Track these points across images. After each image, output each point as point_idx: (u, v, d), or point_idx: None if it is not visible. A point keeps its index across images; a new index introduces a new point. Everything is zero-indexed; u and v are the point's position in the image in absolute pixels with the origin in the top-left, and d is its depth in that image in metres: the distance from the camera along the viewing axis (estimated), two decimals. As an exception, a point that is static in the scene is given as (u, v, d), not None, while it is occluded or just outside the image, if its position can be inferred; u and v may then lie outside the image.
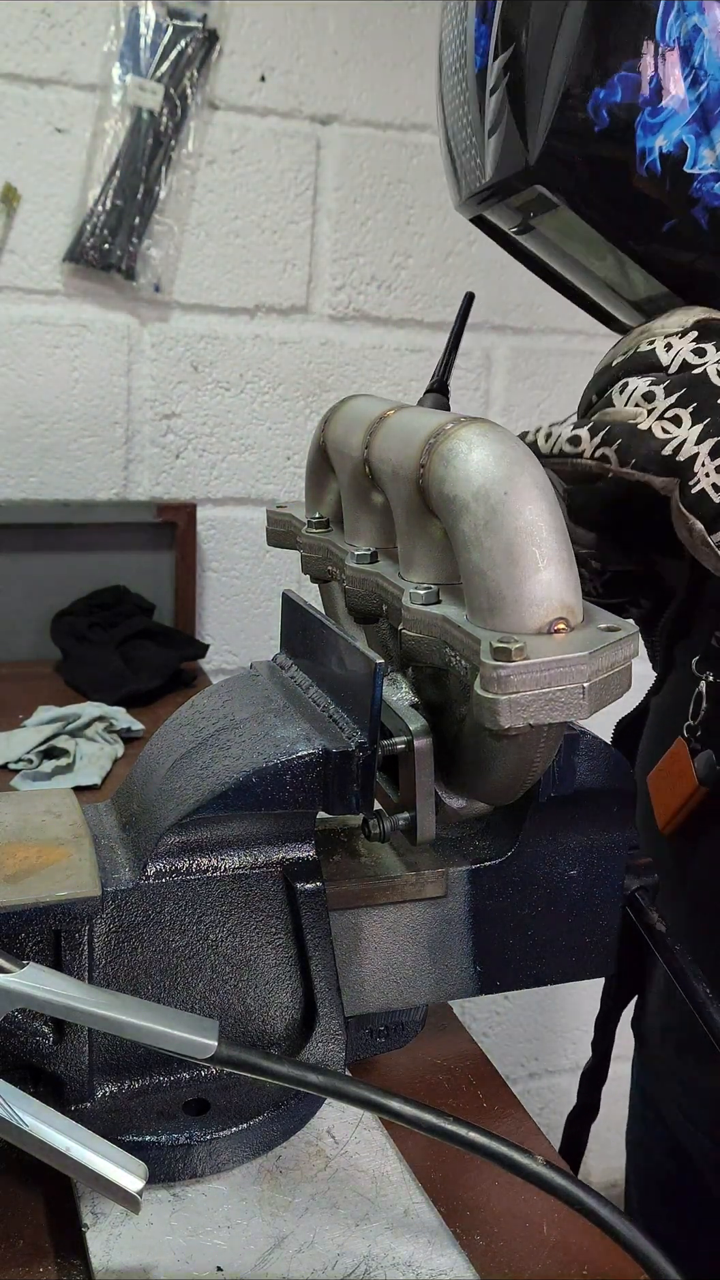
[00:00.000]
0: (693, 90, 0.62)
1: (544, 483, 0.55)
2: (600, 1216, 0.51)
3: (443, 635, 0.58)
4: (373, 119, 1.68)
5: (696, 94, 0.62)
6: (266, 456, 1.73)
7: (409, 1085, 0.69)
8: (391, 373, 1.77)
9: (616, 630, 0.54)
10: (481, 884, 0.67)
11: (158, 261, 1.60)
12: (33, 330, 1.57)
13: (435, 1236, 0.57)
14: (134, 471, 1.66)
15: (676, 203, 0.65)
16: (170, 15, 1.54)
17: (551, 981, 0.70)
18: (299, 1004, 0.64)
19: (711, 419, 0.61)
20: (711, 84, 0.62)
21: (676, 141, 0.63)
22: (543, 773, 0.61)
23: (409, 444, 0.60)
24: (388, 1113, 0.53)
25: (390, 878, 0.65)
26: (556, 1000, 2.06)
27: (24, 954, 0.58)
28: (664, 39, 0.62)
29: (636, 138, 0.63)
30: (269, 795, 0.59)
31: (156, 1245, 0.55)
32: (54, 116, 1.53)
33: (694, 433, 0.61)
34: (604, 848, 0.68)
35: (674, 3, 0.61)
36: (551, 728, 0.56)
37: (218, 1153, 0.60)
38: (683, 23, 0.61)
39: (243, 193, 1.64)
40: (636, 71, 0.62)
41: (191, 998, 0.62)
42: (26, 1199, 0.59)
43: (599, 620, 0.56)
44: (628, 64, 0.62)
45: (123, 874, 0.60)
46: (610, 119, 0.63)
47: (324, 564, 0.74)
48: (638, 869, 0.70)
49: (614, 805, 0.67)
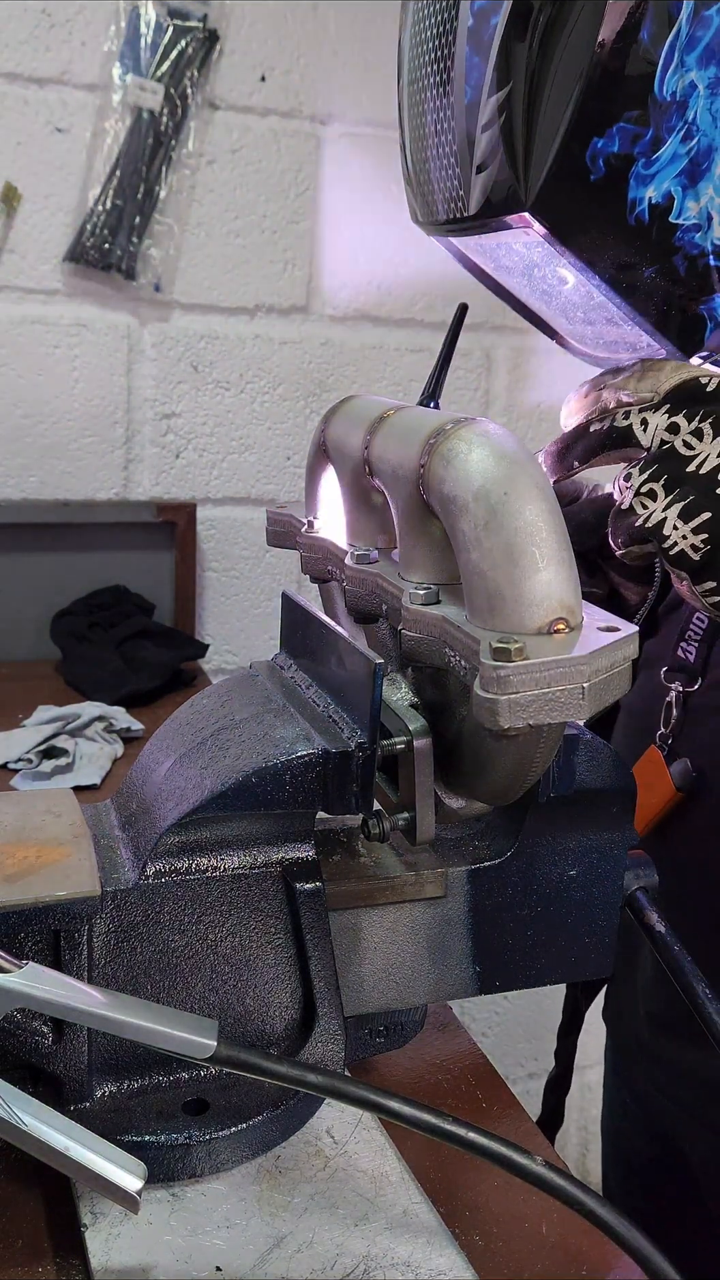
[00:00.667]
0: (684, 144, 0.65)
1: (544, 483, 0.55)
2: (600, 1217, 0.51)
3: (442, 635, 0.58)
4: (373, 119, 1.68)
5: (688, 148, 0.65)
6: (266, 456, 1.73)
7: (408, 1085, 0.69)
8: (391, 373, 1.77)
9: (616, 630, 0.54)
10: (481, 884, 0.67)
11: (158, 261, 1.60)
12: (33, 330, 1.57)
13: (434, 1236, 0.57)
14: (134, 471, 1.66)
15: (660, 250, 0.67)
16: (170, 15, 1.54)
17: (551, 982, 0.70)
18: (298, 1004, 0.64)
19: (680, 488, 0.66)
20: (702, 139, 0.65)
21: (665, 193, 0.65)
22: (542, 773, 0.61)
23: (409, 444, 0.60)
24: (387, 1113, 0.53)
25: (390, 878, 0.65)
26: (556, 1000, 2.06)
27: (23, 954, 0.58)
28: (662, 94, 0.64)
29: (629, 187, 0.66)
30: (269, 795, 0.59)
31: (155, 1245, 0.55)
32: (54, 116, 1.53)
33: (671, 509, 0.66)
34: (604, 848, 0.68)
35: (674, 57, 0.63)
36: (551, 728, 0.56)
37: (217, 1153, 0.60)
38: (680, 78, 0.63)
39: (243, 193, 1.64)
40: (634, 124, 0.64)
41: (191, 998, 0.62)
42: (26, 1199, 0.59)
43: (599, 620, 0.56)
44: (627, 115, 0.64)
45: (122, 874, 0.60)
46: (606, 168, 0.65)
47: (324, 564, 0.74)
48: (638, 869, 0.70)
49: (614, 805, 0.67)
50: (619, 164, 0.65)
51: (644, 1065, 0.95)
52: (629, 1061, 0.99)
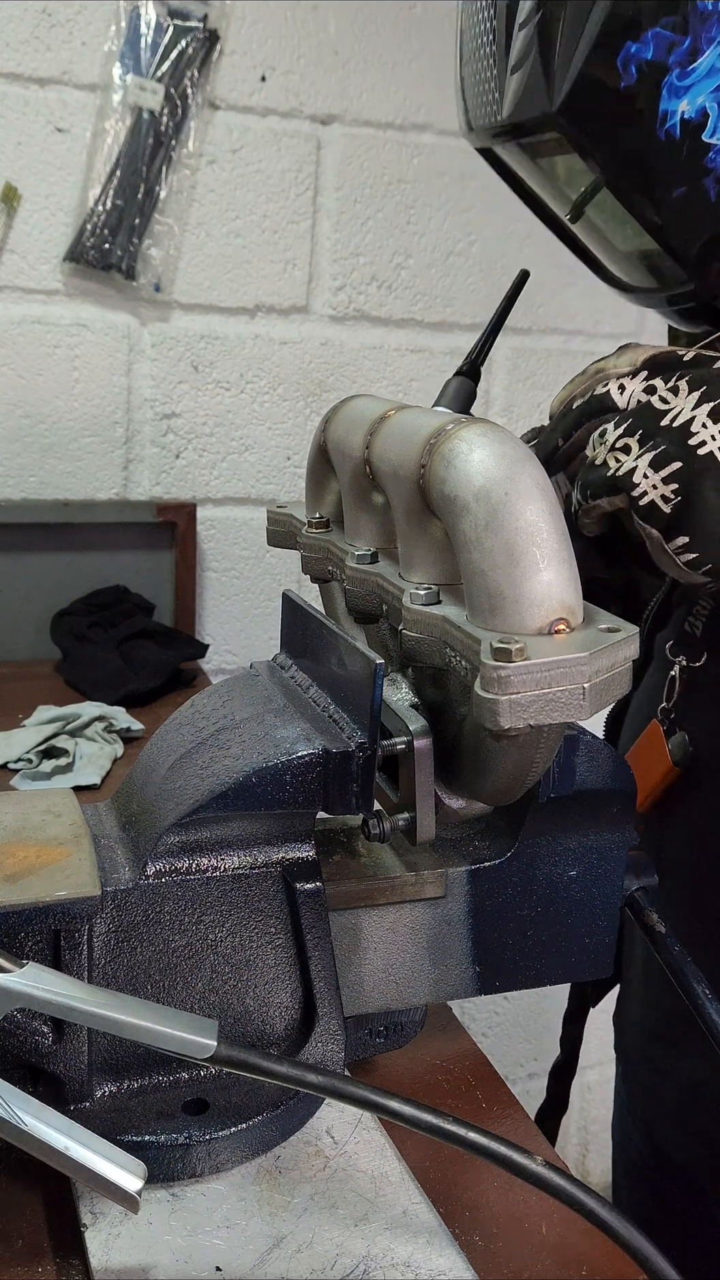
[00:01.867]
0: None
1: (545, 483, 0.55)
2: (599, 1217, 0.51)
3: (443, 635, 0.58)
4: (373, 119, 1.68)
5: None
6: (266, 456, 1.73)
7: (408, 1085, 0.69)
8: (391, 373, 1.77)
9: (617, 630, 0.54)
10: (481, 884, 0.67)
11: (158, 261, 1.60)
12: (33, 330, 1.57)
13: (434, 1237, 0.57)
14: (134, 471, 1.66)
15: (690, 170, 0.64)
16: (171, 15, 1.54)
17: (551, 982, 0.70)
18: (298, 1004, 0.64)
19: (654, 440, 0.63)
20: None
21: (700, 108, 0.62)
22: (543, 773, 0.61)
23: (410, 444, 0.60)
24: (387, 1113, 0.53)
25: (390, 878, 0.65)
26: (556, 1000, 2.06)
27: (24, 953, 0.58)
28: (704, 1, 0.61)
29: (661, 98, 0.63)
30: (269, 795, 0.59)
31: (155, 1245, 0.55)
32: (54, 116, 1.53)
33: (642, 460, 0.64)
34: (603, 848, 0.68)
35: None
36: (551, 728, 0.56)
37: (217, 1153, 0.60)
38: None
39: (243, 193, 1.64)
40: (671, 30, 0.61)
41: (191, 998, 0.62)
42: (25, 1199, 0.59)
43: (599, 620, 0.56)
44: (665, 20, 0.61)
45: (122, 874, 0.60)
46: (638, 75, 0.62)
47: (324, 564, 0.74)
48: (638, 869, 0.70)
49: (614, 805, 0.67)
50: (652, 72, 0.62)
51: (638, 1069, 0.95)
52: (626, 1065, 0.99)
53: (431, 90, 1.68)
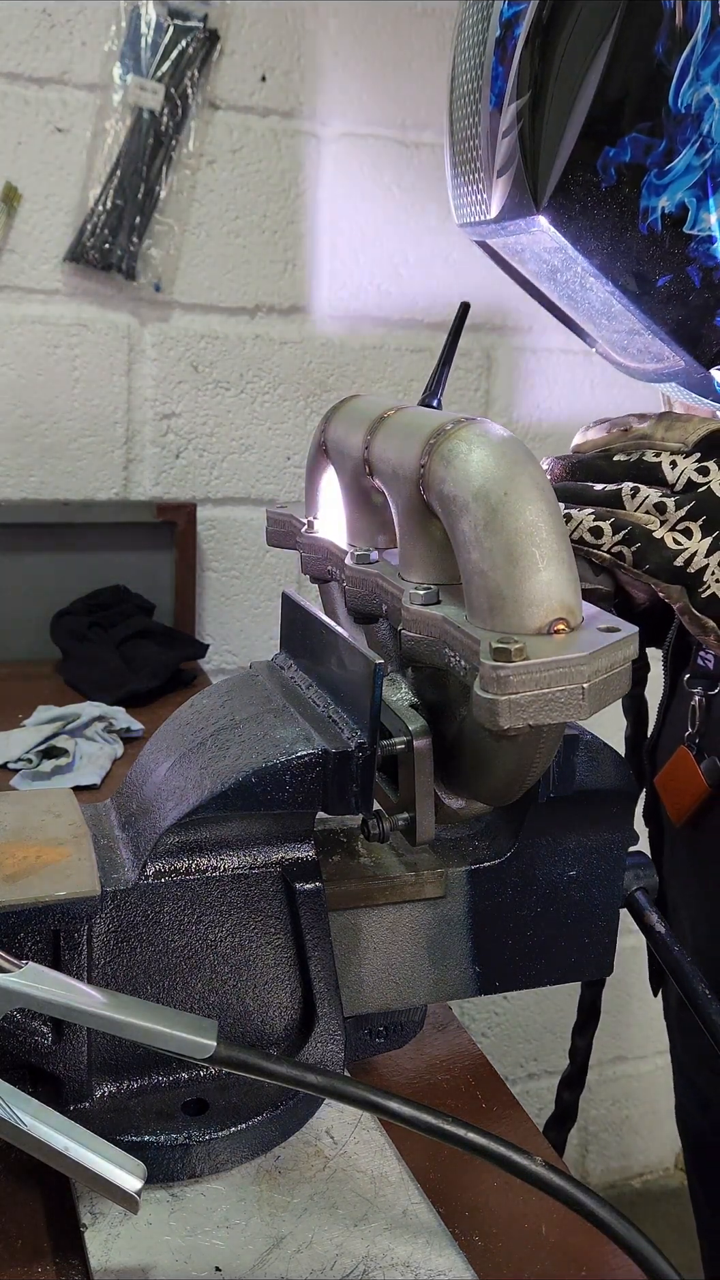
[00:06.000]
0: (699, 157, 0.65)
1: (544, 483, 0.55)
2: (599, 1217, 0.51)
3: (442, 636, 0.58)
4: (373, 119, 1.68)
5: (702, 161, 0.65)
6: (266, 456, 1.73)
7: (408, 1085, 0.69)
8: (391, 373, 1.77)
9: (616, 631, 0.54)
10: (481, 884, 0.67)
11: (158, 261, 1.60)
12: (33, 330, 1.57)
13: (434, 1237, 0.57)
14: (134, 471, 1.66)
15: (673, 260, 0.68)
16: (171, 15, 1.54)
17: (551, 982, 0.70)
18: (298, 1004, 0.64)
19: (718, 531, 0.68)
20: (717, 152, 0.65)
21: (679, 203, 0.66)
22: (542, 773, 0.61)
23: (409, 444, 0.60)
24: (387, 1113, 0.53)
25: (390, 878, 0.65)
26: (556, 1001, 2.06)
27: (23, 953, 0.58)
28: (676, 106, 0.64)
29: (641, 196, 0.66)
30: (269, 795, 0.59)
31: (155, 1245, 0.55)
32: (54, 116, 1.53)
33: (703, 545, 0.68)
34: (603, 848, 0.68)
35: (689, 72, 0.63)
36: (551, 728, 0.56)
37: (216, 1153, 0.60)
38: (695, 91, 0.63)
39: (243, 193, 1.64)
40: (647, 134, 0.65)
41: (191, 998, 0.62)
42: (25, 1199, 0.59)
43: (599, 621, 0.56)
44: (640, 125, 0.64)
45: (122, 874, 0.60)
46: (618, 176, 0.66)
47: (324, 564, 0.74)
48: (638, 869, 0.70)
49: (613, 806, 0.67)
50: (630, 173, 0.65)
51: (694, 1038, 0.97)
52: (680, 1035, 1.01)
53: (431, 90, 1.68)
